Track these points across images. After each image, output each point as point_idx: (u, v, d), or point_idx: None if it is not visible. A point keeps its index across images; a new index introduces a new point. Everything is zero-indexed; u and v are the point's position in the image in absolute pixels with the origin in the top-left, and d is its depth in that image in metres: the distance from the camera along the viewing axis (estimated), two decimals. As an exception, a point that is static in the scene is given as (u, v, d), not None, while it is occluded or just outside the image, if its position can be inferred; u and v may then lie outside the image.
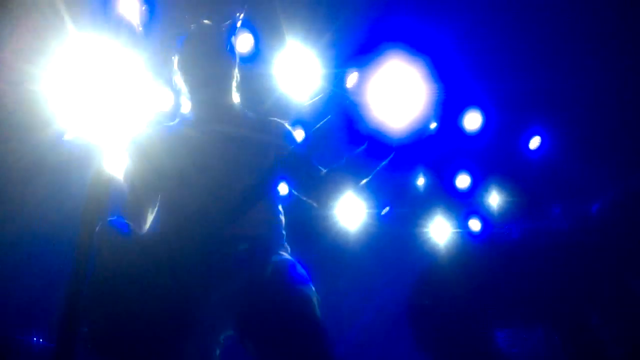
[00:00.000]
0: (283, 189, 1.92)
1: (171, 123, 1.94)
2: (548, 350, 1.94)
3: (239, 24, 2.01)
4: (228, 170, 1.77)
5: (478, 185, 2.19)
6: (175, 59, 1.90)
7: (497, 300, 1.85)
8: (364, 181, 1.80)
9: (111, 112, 1.61)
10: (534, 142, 2.11)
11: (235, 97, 1.94)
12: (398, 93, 1.71)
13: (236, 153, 1.81)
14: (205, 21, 1.94)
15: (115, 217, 1.66)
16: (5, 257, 2.92)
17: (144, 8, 1.71)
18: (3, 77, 2.17)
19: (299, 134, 2.09)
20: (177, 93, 1.96)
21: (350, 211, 2.69)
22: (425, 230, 2.58)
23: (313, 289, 1.61)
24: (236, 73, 1.93)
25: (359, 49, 2.27)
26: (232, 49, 1.92)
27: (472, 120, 2.20)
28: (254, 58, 2.11)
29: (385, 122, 1.68)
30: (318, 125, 1.73)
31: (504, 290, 1.85)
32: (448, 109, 2.17)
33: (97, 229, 1.36)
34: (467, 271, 1.92)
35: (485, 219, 2.14)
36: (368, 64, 1.70)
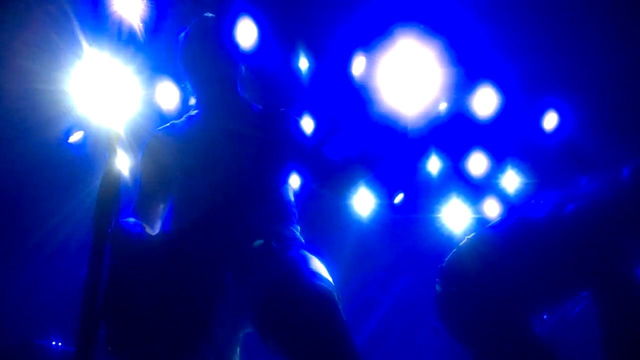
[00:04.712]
0: (295, 181, 1.89)
1: (178, 121, 1.91)
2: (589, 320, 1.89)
3: (240, 14, 1.97)
4: (238, 165, 1.75)
5: (496, 168, 2.16)
6: (179, 55, 1.87)
7: (529, 277, 1.81)
8: (378, 169, 1.77)
9: (117, 111, 1.59)
10: (552, 122, 2.06)
11: (242, 90, 1.91)
12: (411, 76, 1.67)
13: (245, 147, 1.79)
14: (207, 14, 1.90)
15: (127, 218, 1.64)
16: (22, 264, 2.94)
17: (144, 5, 1.68)
18: (8, 77, 2.16)
19: (307, 125, 2.06)
20: (182, 89, 1.94)
21: (364, 200, 2.66)
22: (441, 216, 2.55)
23: (332, 283, 1.59)
24: (241, 65, 1.90)
25: (368, 30, 2.21)
26: (235, 41, 1.89)
27: (489, 102, 2.15)
28: (258, 49, 2.07)
29: (398, 108, 1.64)
30: (329, 115, 1.70)
31: (538, 264, 1.80)
32: (463, 90, 2.13)
33: (110, 230, 1.35)
34: (492, 255, 1.87)
35: (505, 202, 2.10)
36: (378, 46, 1.66)
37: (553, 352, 1.83)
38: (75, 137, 2.29)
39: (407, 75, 1.70)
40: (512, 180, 2.11)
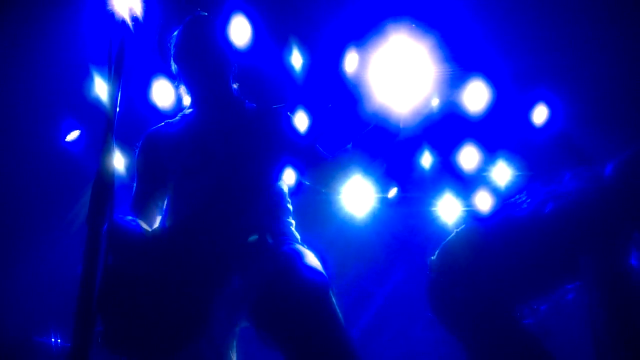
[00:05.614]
0: (290, 176, 1.91)
1: (173, 119, 1.93)
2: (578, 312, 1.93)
3: (233, 12, 1.98)
4: (233, 162, 1.77)
5: (488, 161, 2.18)
6: (172, 53, 1.89)
7: (516, 270, 1.85)
8: (371, 164, 1.78)
9: (114, 110, 1.60)
10: (543, 115, 2.09)
11: (235, 88, 1.93)
12: (403, 72, 1.68)
13: (239, 144, 1.80)
14: (200, 12, 1.92)
15: (123, 215, 1.66)
16: (22, 260, 2.95)
17: (138, 3, 1.69)
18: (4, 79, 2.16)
19: (301, 121, 2.07)
20: (176, 87, 1.95)
21: (358, 195, 2.68)
22: (435, 210, 2.57)
23: (327, 277, 1.61)
24: (234, 63, 1.92)
25: (360, 26, 2.22)
26: (228, 39, 1.90)
27: (481, 96, 2.17)
28: (251, 46, 2.08)
29: (390, 103, 1.66)
30: (322, 111, 1.71)
31: (522, 259, 1.85)
32: (455, 86, 2.14)
33: (105, 227, 1.36)
34: (481, 247, 1.91)
35: (495, 195, 2.13)
36: (370, 43, 1.67)
37: (537, 341, 1.87)
38: (72, 136, 2.30)
39: (400, 71, 1.72)
40: (503, 173, 2.14)
